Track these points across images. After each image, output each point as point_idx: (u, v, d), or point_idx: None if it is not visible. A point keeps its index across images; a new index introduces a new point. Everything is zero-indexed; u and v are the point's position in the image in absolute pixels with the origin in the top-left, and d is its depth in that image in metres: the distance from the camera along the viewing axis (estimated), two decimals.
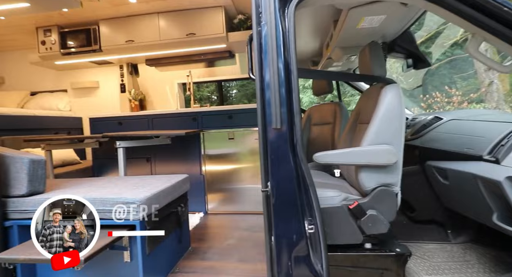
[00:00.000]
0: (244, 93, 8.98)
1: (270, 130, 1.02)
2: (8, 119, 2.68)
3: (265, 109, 1.03)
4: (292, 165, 1.01)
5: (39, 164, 1.47)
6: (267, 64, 1.03)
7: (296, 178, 1.02)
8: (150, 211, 1.35)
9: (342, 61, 1.97)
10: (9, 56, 3.71)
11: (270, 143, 1.02)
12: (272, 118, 1.00)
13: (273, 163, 1.02)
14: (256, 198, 2.45)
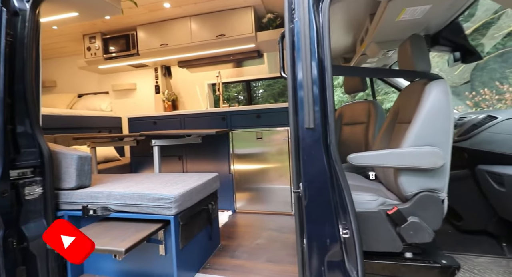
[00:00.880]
0: (271, 93, 8.97)
1: (302, 130, 0.99)
2: (60, 119, 2.97)
3: (297, 108, 1.01)
4: (326, 166, 0.98)
5: (85, 160, 1.59)
6: (300, 62, 1.01)
7: (330, 180, 0.98)
8: (183, 207, 1.40)
9: (378, 57, 1.85)
10: (60, 62, 4.11)
11: (302, 143, 0.99)
12: (305, 117, 0.97)
13: (305, 164, 0.99)
14: (284, 199, 2.42)
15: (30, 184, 1.40)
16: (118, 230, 1.31)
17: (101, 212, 1.43)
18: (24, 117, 1.42)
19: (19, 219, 1.35)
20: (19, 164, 1.38)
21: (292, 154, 1.02)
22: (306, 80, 0.98)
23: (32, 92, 1.43)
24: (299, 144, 1.01)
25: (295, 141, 1.02)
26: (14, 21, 1.41)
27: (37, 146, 1.43)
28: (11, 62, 1.36)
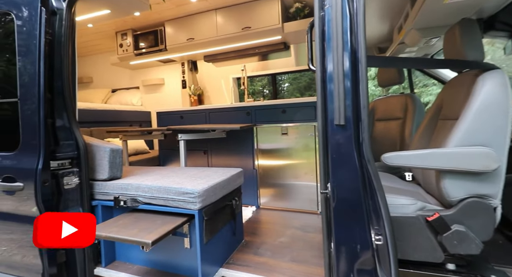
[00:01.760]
0: (297, 86, 8.76)
1: (331, 127, 0.92)
2: (95, 113, 3.15)
3: (326, 103, 0.94)
4: (357, 165, 0.90)
5: (117, 153, 1.66)
6: (330, 53, 0.92)
7: (362, 181, 0.90)
8: (207, 202, 1.40)
9: (419, 45, 1.68)
10: (96, 59, 4.36)
11: (332, 140, 0.92)
12: (335, 113, 0.90)
13: (335, 163, 0.92)
14: (309, 197, 2.35)
15: (68, 174, 1.49)
16: (146, 222, 1.35)
17: (130, 204, 1.49)
18: (62, 111, 1.50)
19: (59, 207, 1.45)
20: (59, 156, 1.47)
21: (320, 152, 0.96)
22: (337, 73, 0.90)
23: (69, 87, 1.51)
24: (327, 142, 0.94)
25: (323, 138, 0.95)
26: (52, 20, 1.48)
27: (74, 139, 1.51)
28: (50, 59, 1.44)
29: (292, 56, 3.23)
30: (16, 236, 1.44)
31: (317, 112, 0.96)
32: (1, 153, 1.45)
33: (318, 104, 0.95)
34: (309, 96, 5.05)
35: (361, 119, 0.88)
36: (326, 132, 0.93)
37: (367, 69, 0.89)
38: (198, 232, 1.33)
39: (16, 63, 1.41)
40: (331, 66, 0.92)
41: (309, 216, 2.24)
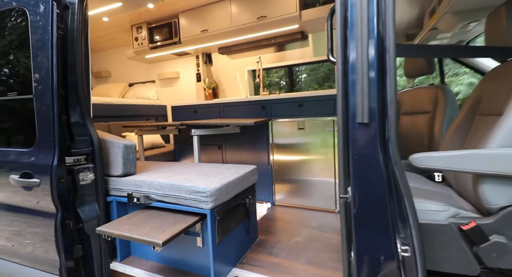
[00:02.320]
0: (314, 77, 8.39)
1: (353, 125, 0.82)
2: (112, 108, 3.20)
3: (348, 98, 0.84)
4: (382, 168, 0.80)
5: (130, 149, 1.65)
6: (354, 42, 0.82)
7: (387, 185, 0.80)
8: (220, 201, 1.36)
9: (454, 31, 1.50)
10: (114, 53, 4.42)
11: (353, 140, 0.83)
12: (357, 109, 0.80)
13: (356, 165, 0.83)
14: (326, 194, 2.25)
15: (83, 170, 1.50)
16: (158, 220, 1.33)
17: (143, 201, 1.48)
18: (77, 107, 1.50)
19: (75, 203, 1.47)
20: (74, 152, 1.48)
21: (339, 152, 0.87)
22: (361, 64, 0.80)
23: (82, 83, 1.50)
24: (348, 141, 0.84)
25: (344, 137, 0.85)
26: (65, 15, 1.46)
27: (88, 135, 1.52)
28: (63, 54, 1.43)
29: (310, 46, 3.08)
30: (40, 229, 1.48)
31: (337, 108, 0.87)
32: (19, 149, 1.48)
33: (338, 99, 0.86)
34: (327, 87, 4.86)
35: (387, 116, 0.78)
36: (347, 130, 0.84)
37: (395, 59, 0.78)
38: (210, 232, 1.30)
39: (30, 60, 1.41)
40: (354, 57, 0.82)
41: (326, 215, 2.15)
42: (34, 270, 1.54)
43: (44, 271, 1.51)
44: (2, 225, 1.63)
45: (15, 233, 1.58)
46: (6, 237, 1.62)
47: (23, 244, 1.55)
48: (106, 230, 1.27)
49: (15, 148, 1.52)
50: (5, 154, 1.53)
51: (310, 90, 4.44)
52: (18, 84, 1.51)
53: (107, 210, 1.64)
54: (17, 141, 1.56)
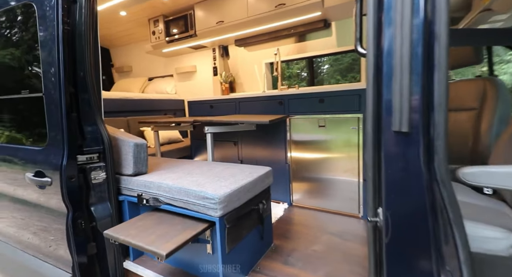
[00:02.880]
0: (337, 68, 7.92)
1: (388, 133, 0.66)
2: (132, 102, 3.22)
3: (380, 99, 0.68)
4: (425, 187, 0.64)
5: (141, 147, 1.59)
6: (391, 27, 0.65)
7: (430, 208, 0.64)
8: (230, 208, 1.25)
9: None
10: (134, 48, 4.44)
11: (387, 152, 0.67)
12: (394, 114, 0.64)
13: (390, 183, 0.67)
14: (349, 195, 2.08)
15: (95, 169, 1.47)
16: (166, 226, 1.26)
17: (152, 203, 1.42)
18: (87, 104, 1.46)
19: (88, 202, 1.45)
20: (86, 150, 1.45)
21: (368, 165, 0.71)
22: (400, 56, 0.63)
23: (91, 80, 1.44)
24: (380, 153, 0.69)
25: (374, 147, 0.70)
26: (73, 9, 1.40)
27: (99, 133, 1.48)
28: (70, 51, 1.37)
29: (333, 36, 2.84)
30: (58, 226, 1.48)
31: (366, 112, 0.71)
32: (33, 147, 1.48)
33: (368, 101, 0.70)
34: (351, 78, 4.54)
35: (434, 124, 0.61)
36: (379, 139, 0.68)
37: (448, 49, 0.60)
38: (219, 241, 1.21)
39: (39, 57, 1.38)
40: (390, 47, 0.65)
41: (348, 220, 1.99)
42: (48, 264, 1.56)
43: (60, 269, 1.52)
44: (33, 220, 1.64)
45: (42, 228, 1.59)
46: (34, 232, 1.65)
47: (46, 239, 1.56)
48: (113, 235, 1.22)
49: (30, 146, 1.52)
50: (22, 152, 1.54)
51: (332, 81, 4.17)
52: (31, 82, 1.49)
53: (120, 209, 1.61)
54: (32, 139, 1.56)
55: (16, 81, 1.56)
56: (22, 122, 1.64)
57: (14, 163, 1.59)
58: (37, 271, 1.61)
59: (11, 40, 1.54)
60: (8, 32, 1.56)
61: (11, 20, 1.53)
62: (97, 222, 1.45)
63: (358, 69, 3.09)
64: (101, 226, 1.46)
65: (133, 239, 1.14)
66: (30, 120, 1.58)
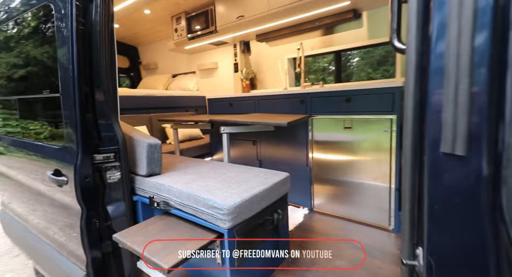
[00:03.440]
0: (369, 61, 7.32)
1: (433, 155, 0.50)
2: (155, 99, 3.25)
3: (424, 109, 0.52)
4: (485, 228, 0.47)
5: (155, 148, 1.55)
6: (443, 13, 0.48)
7: (494, 255, 0.48)
8: (240, 219, 1.15)
9: None
10: (160, 45, 4.50)
11: (433, 179, 0.51)
12: (444, 132, 0.48)
13: (437, 219, 0.51)
14: (377, 204, 1.88)
15: (110, 168, 1.46)
16: (173, 233, 1.20)
17: (163, 207, 1.38)
18: (103, 104, 1.44)
19: (104, 201, 1.44)
20: (102, 150, 1.44)
21: (405, 195, 0.56)
22: (457, 51, 0.46)
23: (107, 79, 1.42)
24: (421, 179, 0.53)
25: (413, 171, 0.54)
26: (89, 8, 1.37)
27: (114, 133, 1.46)
28: (85, 50, 1.35)
29: (364, 27, 2.58)
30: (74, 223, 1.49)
31: (404, 125, 0.55)
32: (52, 145, 1.50)
33: (407, 112, 0.54)
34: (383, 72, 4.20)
35: (505, 145, 0.44)
36: (420, 162, 0.52)
37: None
38: (228, 255, 1.11)
39: (57, 57, 1.38)
40: (442, 39, 0.49)
41: (376, 233, 1.79)
42: (67, 260, 1.59)
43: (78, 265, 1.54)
44: (61, 216, 1.68)
45: (68, 225, 1.62)
46: (60, 227, 1.69)
47: (69, 236, 1.59)
48: (121, 240, 1.19)
49: (51, 145, 1.54)
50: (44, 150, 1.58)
51: (362, 75, 3.87)
52: (51, 82, 1.51)
53: (134, 209, 1.59)
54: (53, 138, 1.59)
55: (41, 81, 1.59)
56: (48, 120, 1.67)
57: (43, 161, 1.64)
58: (56, 264, 1.66)
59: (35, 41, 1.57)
60: (32, 33, 1.59)
61: (33, 21, 1.55)
62: (112, 221, 1.44)
63: (392, 62, 2.79)
64: (116, 225, 1.45)
65: (139, 247, 1.09)
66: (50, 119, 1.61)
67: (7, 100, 1.88)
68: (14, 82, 1.77)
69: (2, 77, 1.85)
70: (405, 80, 0.54)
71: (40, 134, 1.64)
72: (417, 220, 0.56)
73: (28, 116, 1.76)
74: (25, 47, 1.62)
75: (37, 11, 1.48)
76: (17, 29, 1.67)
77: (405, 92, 0.53)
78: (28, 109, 1.75)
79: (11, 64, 1.75)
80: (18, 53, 1.67)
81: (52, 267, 1.72)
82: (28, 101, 1.71)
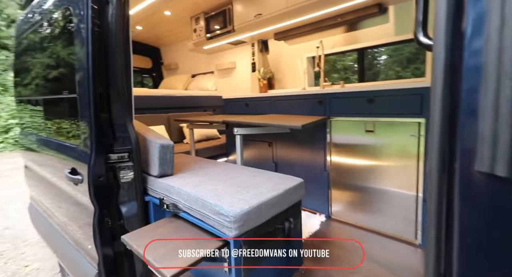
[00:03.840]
0: (397, 59, 6.71)
1: (466, 174, 0.41)
2: (173, 99, 3.30)
3: (455, 118, 0.42)
4: None
5: (167, 148, 1.54)
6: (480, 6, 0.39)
7: None
8: (248, 227, 1.10)
9: None
10: (180, 46, 4.58)
11: (465, 203, 0.41)
12: (480, 145, 0.38)
13: (470, 253, 0.42)
14: (402, 214, 1.73)
15: (124, 168, 1.48)
16: (180, 237, 1.18)
17: (172, 209, 1.36)
18: (117, 105, 1.46)
19: (117, 200, 1.46)
20: (117, 149, 1.46)
21: (430, 220, 0.46)
22: (499, 46, 0.37)
23: (122, 80, 1.43)
24: (451, 200, 0.44)
25: (439, 193, 0.45)
26: (106, 10, 1.39)
27: (128, 133, 1.47)
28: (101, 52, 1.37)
29: (391, 22, 2.40)
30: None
31: (430, 133, 0.46)
32: (70, 144, 1.55)
33: (433, 120, 0.45)
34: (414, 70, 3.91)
35: None
36: (449, 182, 0.43)
37: None
38: (233, 264, 1.06)
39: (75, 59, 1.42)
40: (479, 32, 0.39)
41: (401, 247, 1.65)
42: (83, 258, 1.64)
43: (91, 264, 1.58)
44: (82, 215, 1.75)
45: (88, 223, 1.68)
46: (80, 226, 1.76)
47: (87, 235, 1.64)
48: (128, 241, 1.19)
49: (69, 144, 1.59)
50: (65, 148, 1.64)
51: (390, 73, 3.62)
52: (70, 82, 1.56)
53: (146, 210, 1.60)
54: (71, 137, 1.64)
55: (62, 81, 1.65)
56: (67, 120, 1.73)
57: (64, 159, 1.70)
58: (74, 260, 1.72)
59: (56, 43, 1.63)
60: (54, 36, 1.65)
61: (56, 24, 1.61)
62: (125, 220, 1.46)
63: (422, 60, 2.57)
64: (128, 225, 1.46)
65: (143, 251, 1.08)
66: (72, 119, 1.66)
67: (33, 100, 1.99)
68: (40, 83, 1.85)
69: (29, 78, 1.95)
70: (432, 81, 0.45)
71: (62, 133, 1.71)
72: (444, 249, 0.47)
73: (51, 115, 1.84)
74: (48, 49, 1.69)
75: (58, 14, 1.53)
76: (42, 33, 1.75)
77: (432, 95, 0.44)
78: (50, 109, 1.82)
79: (37, 66, 1.83)
80: (43, 55, 1.75)
81: (70, 262, 1.78)
82: (50, 101, 1.78)
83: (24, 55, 2.02)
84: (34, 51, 1.88)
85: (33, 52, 1.89)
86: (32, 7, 1.89)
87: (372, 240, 1.74)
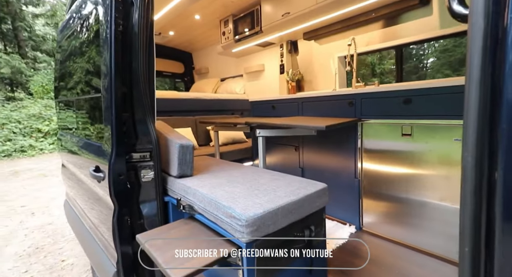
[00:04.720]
0: (447, 60, 5.89)
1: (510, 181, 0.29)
2: (201, 102, 3.37)
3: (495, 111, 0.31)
4: None
5: (187, 149, 1.54)
6: None
7: None
8: (262, 233, 1.02)
9: None
10: (210, 50, 4.70)
11: (508, 218, 0.30)
12: None
13: None
14: (444, 230, 1.50)
15: (145, 167, 1.51)
16: (193, 240, 1.14)
17: (188, 210, 1.34)
18: (139, 105, 1.50)
19: (138, 199, 1.49)
20: (139, 149, 1.50)
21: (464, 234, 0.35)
22: None
23: (144, 81, 1.46)
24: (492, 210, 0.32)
25: (476, 204, 0.33)
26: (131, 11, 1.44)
27: (149, 133, 1.50)
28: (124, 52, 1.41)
29: (435, 14, 2.15)
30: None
31: (464, 132, 0.34)
32: (95, 142, 1.62)
33: (468, 116, 0.33)
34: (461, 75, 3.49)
35: None
36: (489, 191, 0.31)
37: None
38: (246, 273, 1.00)
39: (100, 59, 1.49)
40: None
41: (442, 266, 1.42)
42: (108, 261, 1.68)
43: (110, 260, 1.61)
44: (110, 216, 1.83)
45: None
46: (108, 227, 1.83)
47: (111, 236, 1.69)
48: (141, 240, 1.19)
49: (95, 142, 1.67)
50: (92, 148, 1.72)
51: (439, 77, 3.27)
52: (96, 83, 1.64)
53: (165, 210, 1.61)
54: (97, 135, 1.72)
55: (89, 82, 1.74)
56: (94, 119, 1.82)
57: (92, 158, 1.80)
58: (100, 262, 1.78)
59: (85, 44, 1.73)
60: (83, 37, 1.75)
61: (84, 27, 1.71)
62: (145, 219, 1.48)
63: None
64: (148, 224, 1.48)
65: (155, 252, 1.06)
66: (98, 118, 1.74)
67: (65, 101, 2.13)
68: (70, 84, 1.97)
69: (63, 80, 2.10)
70: (467, 62, 0.34)
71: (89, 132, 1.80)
72: (484, 269, 0.35)
73: (80, 115, 1.95)
74: (77, 51, 1.80)
75: (86, 17, 1.63)
76: (72, 36, 1.86)
77: (467, 80, 0.33)
78: (79, 109, 1.93)
79: (70, 68, 1.96)
80: (73, 57, 1.86)
81: (97, 262, 1.85)
82: (78, 101, 1.89)
83: (60, 58, 2.19)
84: (67, 53, 2.02)
85: (66, 54, 2.02)
86: (70, 12, 2.03)
87: (408, 257, 1.53)
